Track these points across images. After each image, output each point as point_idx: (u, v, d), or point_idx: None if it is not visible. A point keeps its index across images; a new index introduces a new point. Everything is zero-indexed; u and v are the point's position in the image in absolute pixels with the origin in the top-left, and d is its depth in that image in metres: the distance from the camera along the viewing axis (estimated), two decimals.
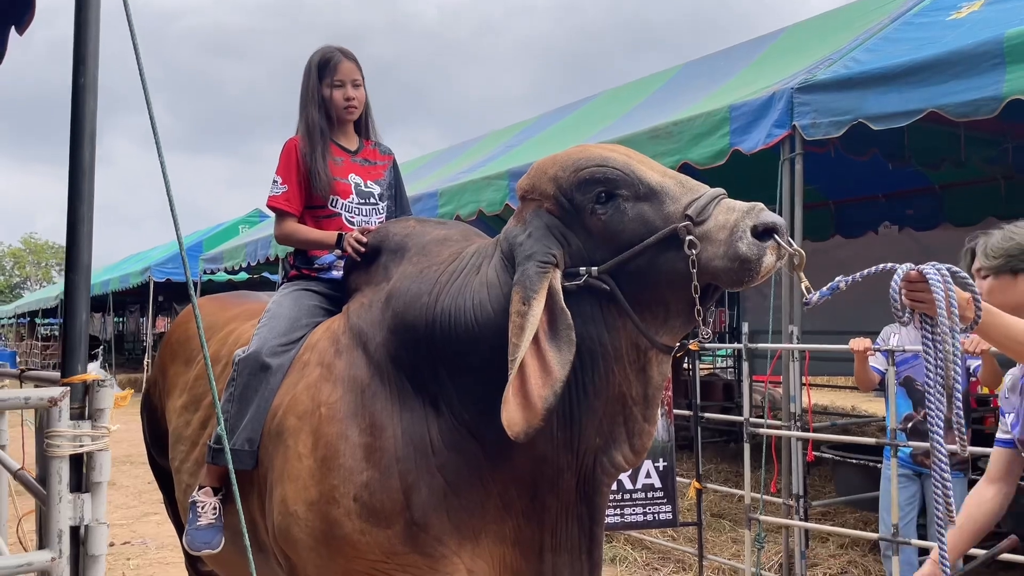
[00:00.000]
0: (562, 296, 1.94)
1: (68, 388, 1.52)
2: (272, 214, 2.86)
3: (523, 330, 1.89)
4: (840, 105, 4.61)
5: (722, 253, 1.85)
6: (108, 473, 1.54)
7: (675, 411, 5.43)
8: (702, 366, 11.39)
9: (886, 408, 4.15)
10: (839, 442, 5.58)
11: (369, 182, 2.84)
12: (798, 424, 4.61)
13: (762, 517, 4.62)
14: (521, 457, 2.08)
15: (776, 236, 1.84)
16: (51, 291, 30.79)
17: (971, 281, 1.92)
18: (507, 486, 2.12)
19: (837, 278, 1.97)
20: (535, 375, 1.92)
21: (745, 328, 4.74)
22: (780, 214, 4.89)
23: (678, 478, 5.33)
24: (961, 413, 1.97)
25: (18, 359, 25.50)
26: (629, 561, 5.61)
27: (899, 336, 4.18)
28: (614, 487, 5.03)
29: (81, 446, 1.52)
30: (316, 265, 2.76)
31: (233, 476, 1.82)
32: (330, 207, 2.75)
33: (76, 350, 1.57)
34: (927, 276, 1.88)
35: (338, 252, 2.66)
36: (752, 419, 4.71)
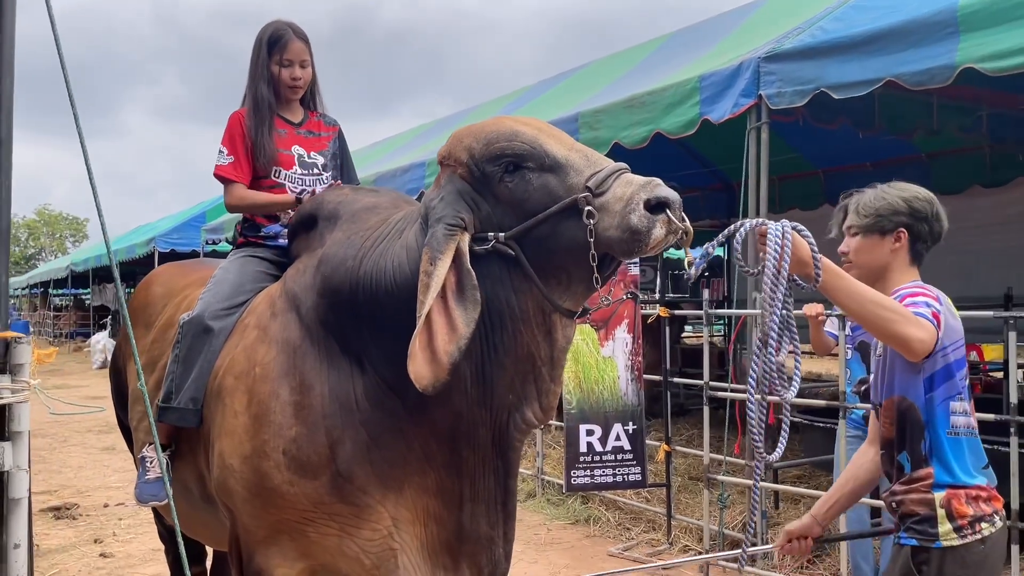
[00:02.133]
0: (468, 258, 2.05)
1: None
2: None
3: (428, 288, 2.00)
4: (804, 74, 4.67)
5: (616, 224, 1.95)
6: (27, 424, 1.67)
7: (647, 376, 5.56)
8: (699, 335, 11.50)
9: (840, 372, 4.25)
10: (799, 405, 5.69)
11: (312, 153, 2.94)
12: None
13: (723, 478, 4.75)
14: (439, 412, 2.20)
15: (668, 211, 1.94)
16: (62, 262, 31.12)
17: (812, 240, 2.03)
18: (427, 440, 2.25)
19: (706, 244, 2.13)
20: (442, 331, 2.04)
21: (706, 295, 4.84)
22: (746, 183, 4.99)
23: (651, 441, 5.47)
24: (774, 362, 2.10)
25: (31, 329, 25.85)
26: (602, 522, 5.78)
27: None
28: (584, 449, 5.19)
29: (1, 398, 1.65)
30: (263, 233, 2.88)
31: (155, 429, 1.93)
32: (273, 177, 2.86)
33: None
34: (768, 230, 2.01)
35: (286, 218, 2.77)
36: (714, 383, 4.81)
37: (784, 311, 2.05)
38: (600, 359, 5.36)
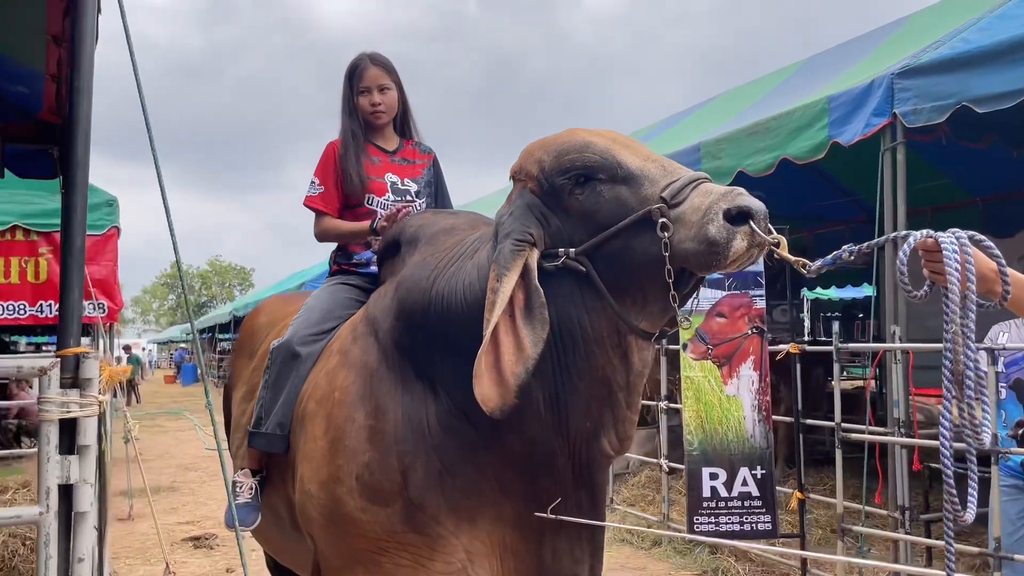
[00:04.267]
0: (536, 274, 1.95)
1: (58, 359, 1.70)
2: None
3: (494, 306, 1.92)
4: (943, 89, 4.31)
5: (692, 236, 1.80)
6: (93, 438, 1.70)
7: (778, 418, 5.22)
8: (858, 378, 10.83)
9: (995, 414, 3.81)
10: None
11: (406, 180, 2.94)
12: (902, 431, 4.31)
13: (860, 529, 4.34)
14: (513, 439, 2.10)
15: (751, 222, 1.77)
16: (227, 308, 33.26)
17: (997, 250, 1.75)
18: (502, 468, 2.14)
19: (843, 247, 1.84)
20: (509, 352, 1.95)
21: (835, 328, 4.49)
22: (881, 210, 4.63)
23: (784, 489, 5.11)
24: (974, 403, 1.78)
25: (199, 372, 27.74)
26: (731, 573, 5.42)
27: (1008, 335, 3.83)
28: (707, 494, 4.90)
29: (68, 412, 1.69)
30: (355, 260, 2.90)
31: (223, 458, 1.93)
32: (367, 205, 2.88)
33: (69, 326, 1.75)
34: (941, 243, 1.67)
35: (374, 240, 2.78)
36: (851, 424, 4.44)
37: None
38: (724, 398, 5.08)
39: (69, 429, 1.70)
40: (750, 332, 5.10)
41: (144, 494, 7.53)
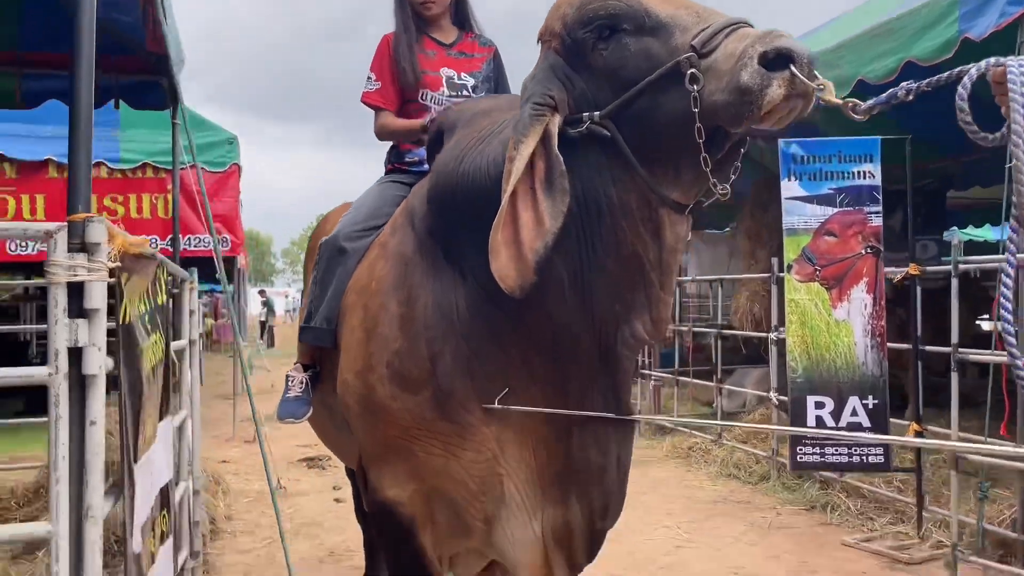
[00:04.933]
0: (556, 141, 1.80)
1: (65, 224, 1.71)
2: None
3: (510, 175, 1.78)
4: None
5: (723, 86, 1.59)
6: (101, 302, 1.71)
7: (893, 345, 4.83)
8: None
9: None
10: None
11: (463, 74, 2.82)
12: None
13: (978, 456, 3.96)
14: (538, 322, 1.98)
15: (792, 66, 1.54)
16: None
17: None
18: (529, 355, 2.04)
19: (901, 84, 1.56)
20: (528, 226, 1.82)
21: (955, 240, 4.05)
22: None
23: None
24: None
25: None
26: (842, 510, 5.11)
27: None
28: (812, 424, 4.62)
29: (75, 275, 1.70)
30: (407, 160, 2.82)
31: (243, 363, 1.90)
32: (420, 100, 2.78)
33: (78, 191, 1.75)
34: (1007, 69, 1.40)
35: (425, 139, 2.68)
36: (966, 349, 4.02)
37: None
38: (832, 322, 4.72)
39: (77, 293, 1.71)
40: (863, 252, 4.71)
41: (269, 420, 7.97)
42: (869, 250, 4.70)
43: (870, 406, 4.66)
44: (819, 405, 4.71)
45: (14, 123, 7.14)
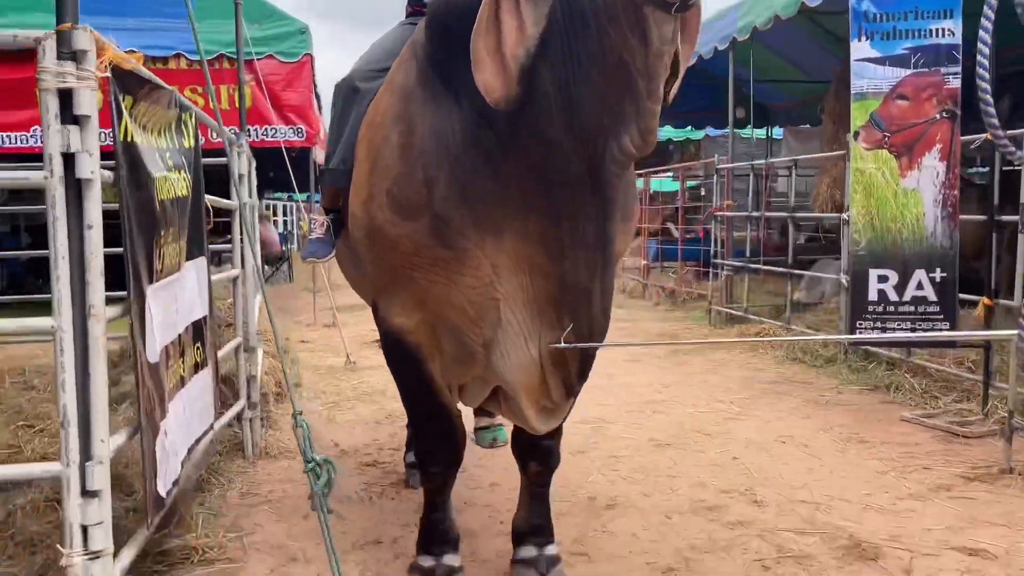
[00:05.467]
0: None
1: (54, 32, 1.77)
2: None
3: None
4: None
5: None
6: (91, 109, 1.77)
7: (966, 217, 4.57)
8: None
9: None
10: None
11: None
12: None
13: None
14: (528, 141, 1.96)
15: None
16: None
17: None
18: (523, 179, 2.02)
19: None
20: (511, 34, 1.81)
21: None
22: None
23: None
24: None
25: None
26: (905, 389, 4.96)
27: None
28: (873, 298, 4.47)
29: (64, 82, 1.76)
30: (426, 1, 2.77)
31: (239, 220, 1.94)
32: None
33: (65, 5, 1.80)
34: None
35: None
36: None
37: None
38: (900, 191, 4.48)
39: (68, 101, 1.78)
40: (938, 116, 4.41)
41: (345, 309, 8.26)
42: (945, 114, 4.39)
43: (937, 279, 4.44)
44: (882, 279, 4.52)
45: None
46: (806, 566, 2.72)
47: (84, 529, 1.84)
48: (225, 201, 3.70)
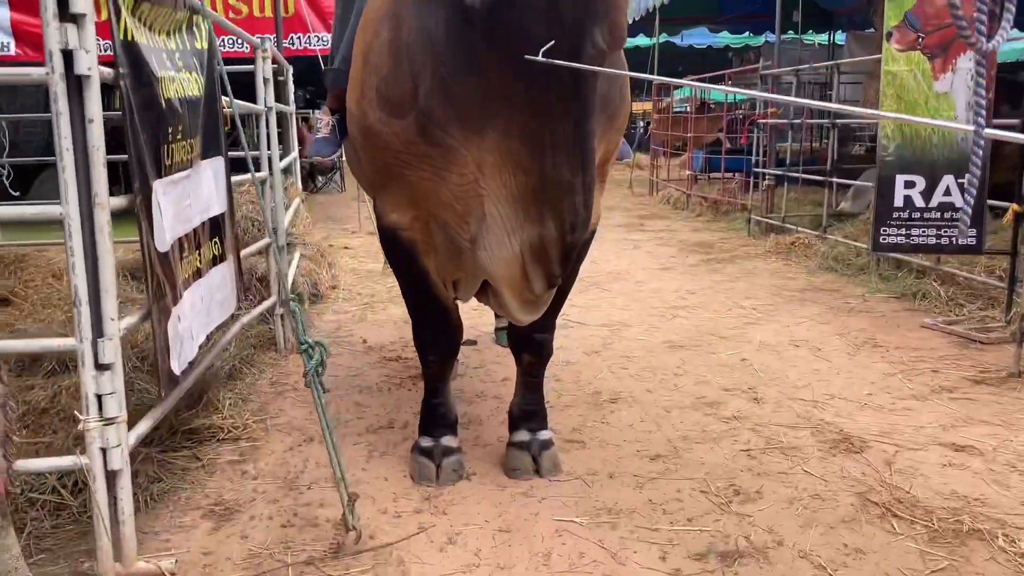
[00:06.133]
0: None
1: None
2: None
3: None
4: None
5: None
6: (88, 7, 1.89)
7: (1001, 122, 4.43)
8: None
9: None
10: None
11: None
12: None
13: None
14: (510, 36, 2.00)
15: None
16: None
17: None
18: (505, 76, 2.07)
19: None
20: None
21: None
22: None
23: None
24: None
25: None
26: (932, 296, 4.93)
27: None
28: (900, 204, 4.44)
29: None
30: None
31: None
32: None
33: None
34: None
35: None
36: None
37: None
38: (932, 95, 4.37)
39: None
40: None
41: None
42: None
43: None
44: (909, 184, 4.45)
45: None
46: (790, 456, 2.83)
47: (99, 398, 2.04)
48: (249, 104, 3.82)
